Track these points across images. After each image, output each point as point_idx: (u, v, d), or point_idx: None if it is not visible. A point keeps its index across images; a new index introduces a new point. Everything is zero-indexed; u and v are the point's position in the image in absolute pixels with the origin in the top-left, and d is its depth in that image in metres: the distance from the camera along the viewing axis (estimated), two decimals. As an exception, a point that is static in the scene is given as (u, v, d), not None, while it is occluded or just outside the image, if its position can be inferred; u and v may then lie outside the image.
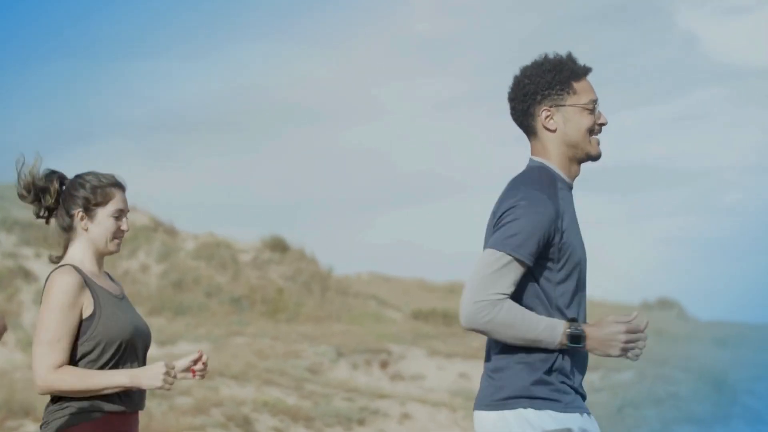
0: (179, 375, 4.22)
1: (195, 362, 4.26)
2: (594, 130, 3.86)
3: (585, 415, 3.76)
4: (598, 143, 3.88)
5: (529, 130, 3.90)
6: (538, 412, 3.70)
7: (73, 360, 4.13)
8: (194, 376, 4.25)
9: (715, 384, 19.40)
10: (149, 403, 14.26)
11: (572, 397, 3.76)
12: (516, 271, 3.66)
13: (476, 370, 21.26)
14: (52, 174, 4.30)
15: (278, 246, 25.49)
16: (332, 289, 24.79)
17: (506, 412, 3.73)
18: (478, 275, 3.65)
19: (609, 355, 3.74)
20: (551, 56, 3.86)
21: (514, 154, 3.92)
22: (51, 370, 4.06)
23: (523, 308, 3.68)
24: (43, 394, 4.14)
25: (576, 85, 3.85)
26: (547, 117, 3.84)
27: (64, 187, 4.29)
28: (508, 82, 3.94)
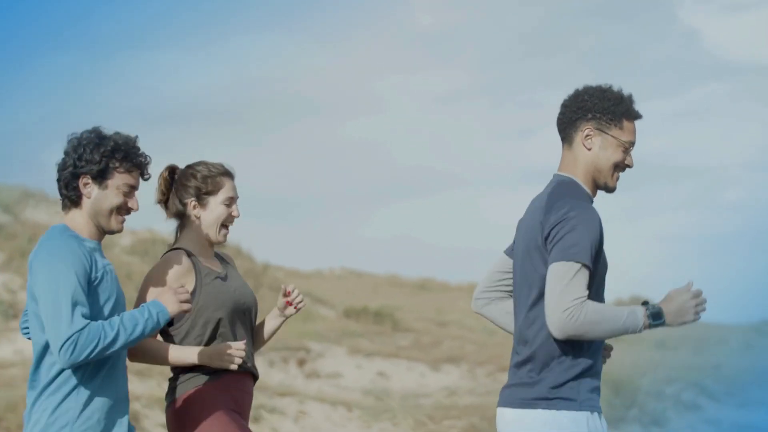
0: (287, 312, 4.62)
1: (286, 296, 4.63)
2: (620, 167, 4.24)
3: (596, 413, 4.05)
4: (618, 179, 4.25)
5: (567, 139, 4.24)
6: (556, 412, 4.01)
7: (182, 336, 4.44)
8: (291, 304, 4.64)
9: (617, 387, 19.64)
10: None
11: (589, 395, 4.05)
12: (586, 276, 3.96)
13: (395, 368, 21.50)
14: (165, 169, 4.60)
15: (213, 243, 25.76)
16: (265, 286, 25.02)
17: (527, 411, 4.04)
18: (557, 289, 3.94)
19: (685, 323, 4.05)
20: (616, 89, 4.23)
21: (514, 148, 4.28)
22: None
23: (602, 304, 4.00)
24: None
25: (625, 123, 4.21)
26: (588, 135, 4.20)
27: (175, 177, 4.58)
28: (509, 76, 4.42)
